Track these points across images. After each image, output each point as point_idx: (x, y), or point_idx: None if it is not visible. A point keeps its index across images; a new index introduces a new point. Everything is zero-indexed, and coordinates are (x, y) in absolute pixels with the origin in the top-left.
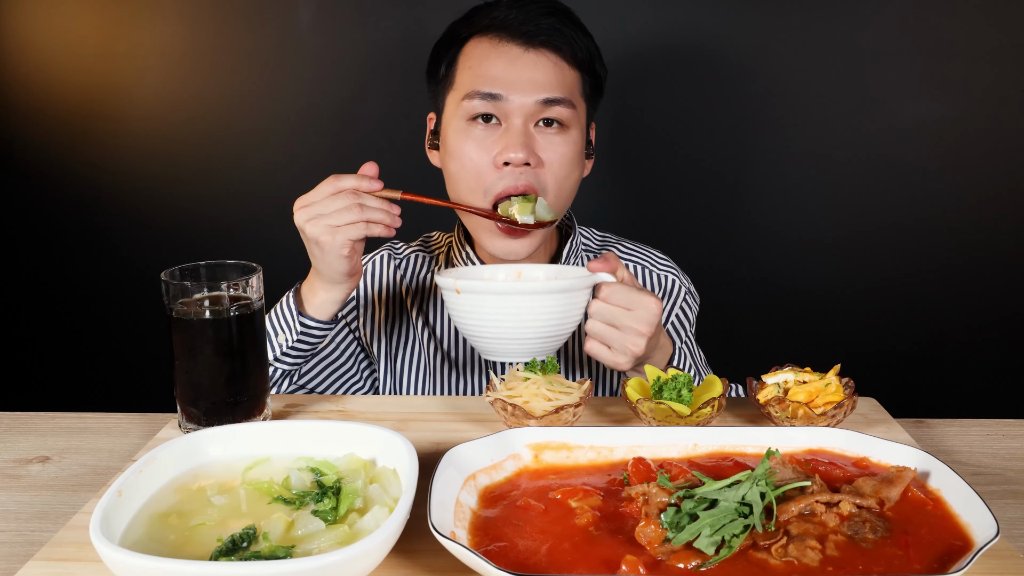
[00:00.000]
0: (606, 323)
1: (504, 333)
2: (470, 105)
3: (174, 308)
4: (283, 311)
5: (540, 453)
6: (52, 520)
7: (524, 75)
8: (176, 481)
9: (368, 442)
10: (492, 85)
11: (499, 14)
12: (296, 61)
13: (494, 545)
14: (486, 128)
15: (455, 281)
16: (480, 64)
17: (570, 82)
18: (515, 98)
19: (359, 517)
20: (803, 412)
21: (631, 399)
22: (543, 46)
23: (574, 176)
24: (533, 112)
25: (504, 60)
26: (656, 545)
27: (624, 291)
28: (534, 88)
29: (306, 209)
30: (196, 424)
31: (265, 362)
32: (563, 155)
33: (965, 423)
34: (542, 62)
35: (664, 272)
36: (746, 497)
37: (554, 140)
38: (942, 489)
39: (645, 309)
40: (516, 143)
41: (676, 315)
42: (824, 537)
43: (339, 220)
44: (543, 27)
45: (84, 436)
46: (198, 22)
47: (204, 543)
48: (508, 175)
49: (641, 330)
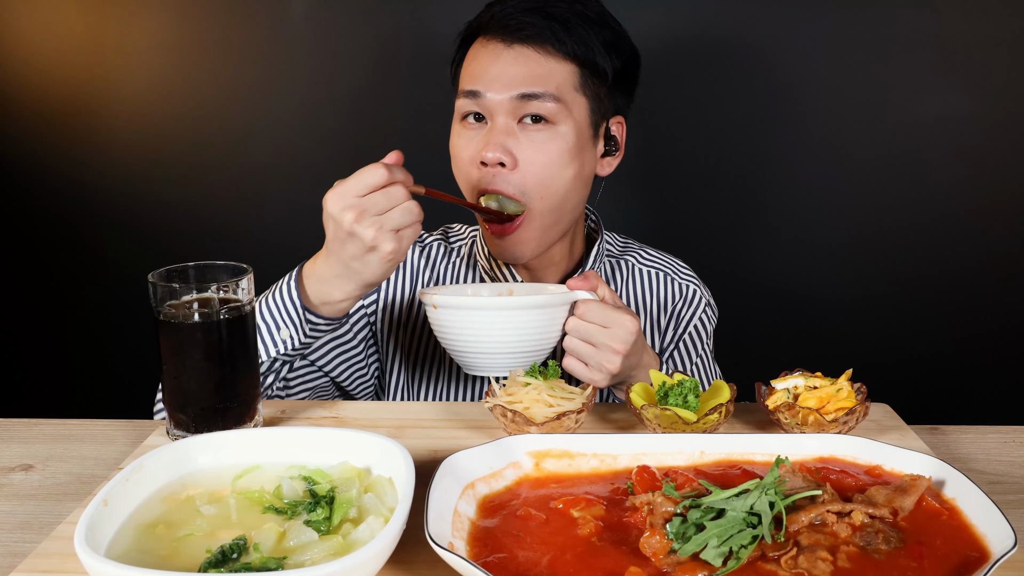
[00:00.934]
0: (583, 340)
1: (482, 348)
2: (460, 104)
3: (162, 311)
4: (283, 303)
5: (541, 461)
6: (36, 530)
7: (504, 71)
8: (164, 490)
9: (363, 450)
10: (473, 83)
11: (489, 12)
12: (289, 55)
13: (493, 556)
14: (475, 127)
15: (432, 296)
16: (469, 63)
17: (557, 76)
18: (492, 95)
19: (353, 527)
20: (814, 419)
21: (635, 405)
22: (524, 41)
23: (566, 175)
24: (512, 108)
25: (487, 58)
26: (661, 556)
27: (600, 309)
28: (510, 84)
29: (353, 204)
30: (184, 431)
31: (256, 366)
32: (545, 152)
33: (982, 430)
34: (521, 58)
35: (685, 281)
36: (754, 507)
37: (536, 138)
38: (958, 498)
39: (621, 327)
40: (492, 142)
41: (694, 326)
42: (835, 548)
43: (399, 221)
44: (526, 22)
45: (69, 443)
46: (188, 14)
47: (193, 554)
48: (487, 174)
49: (616, 348)
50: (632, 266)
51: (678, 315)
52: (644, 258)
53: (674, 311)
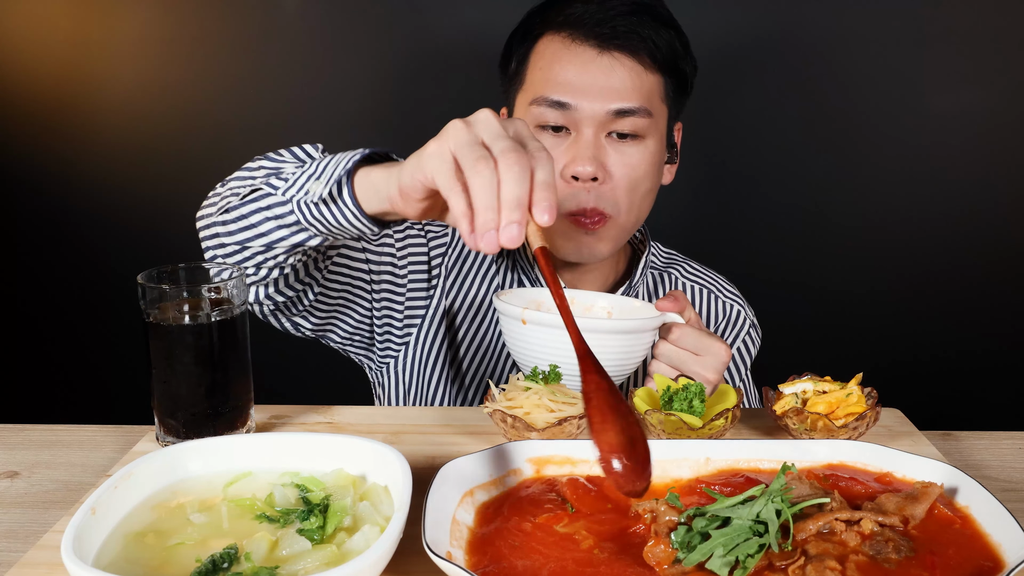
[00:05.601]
0: (673, 366)
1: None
2: (539, 112)
3: (151, 313)
4: (334, 167)
5: (542, 468)
6: (21, 539)
7: (597, 82)
8: (153, 498)
9: (358, 456)
10: (562, 92)
11: (575, 10)
12: (281, 49)
13: (493, 566)
14: (555, 137)
15: (523, 311)
16: (551, 66)
17: (648, 88)
18: (586, 106)
19: (348, 536)
20: (823, 424)
21: (640, 410)
22: (619, 49)
23: (647, 187)
24: (605, 122)
25: (576, 64)
26: (666, 566)
27: (695, 335)
28: (607, 97)
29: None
30: (175, 437)
31: (249, 371)
32: (636, 168)
33: (995, 436)
34: (617, 67)
35: (730, 301)
36: (761, 515)
37: (627, 152)
38: (971, 506)
39: (715, 356)
40: (585, 156)
41: (738, 348)
42: (844, 557)
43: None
44: (620, 27)
45: (55, 450)
46: (177, 7)
47: (183, 563)
48: (579, 191)
49: (709, 377)
50: (676, 279)
51: (720, 335)
52: (688, 272)
53: (716, 331)
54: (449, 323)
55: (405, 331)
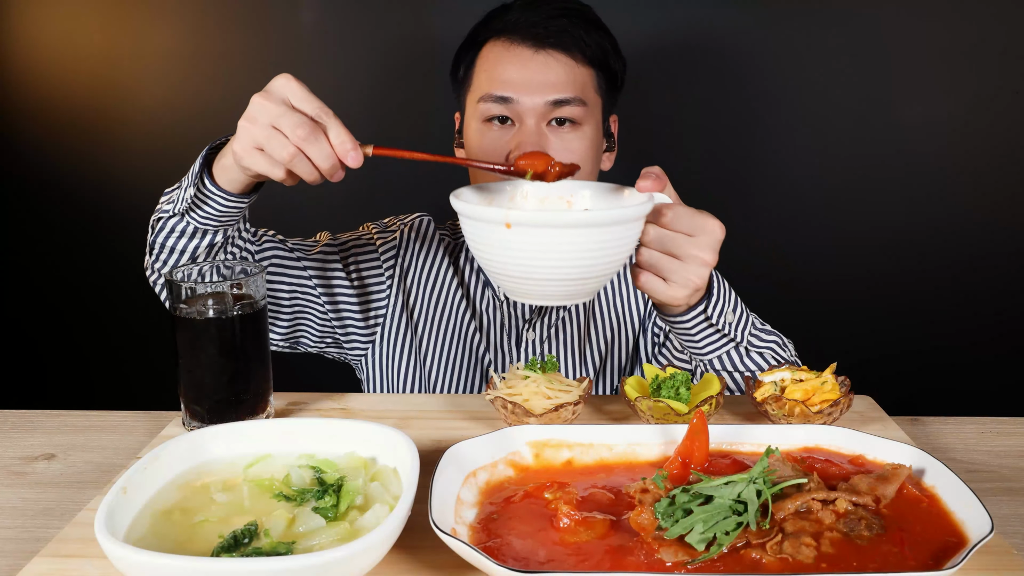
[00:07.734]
0: (665, 252)
1: (547, 274)
2: (485, 107)
3: (178, 307)
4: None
5: (541, 451)
6: (57, 517)
7: (535, 77)
8: (180, 478)
9: (369, 440)
10: (504, 88)
11: (512, 17)
12: (299, 63)
13: (493, 541)
14: (501, 128)
15: (507, 213)
16: (494, 67)
17: (581, 80)
18: (526, 99)
19: (360, 514)
20: (800, 410)
21: (630, 397)
22: (553, 47)
23: (587, 170)
24: (544, 112)
25: (516, 63)
26: (651, 533)
27: (688, 214)
28: (544, 89)
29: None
30: (200, 422)
31: (268, 361)
32: (575, 152)
33: (960, 421)
34: (552, 63)
35: None
36: (742, 495)
37: (566, 137)
38: (937, 486)
39: (709, 234)
40: (528, 143)
41: None
42: (819, 534)
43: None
44: (552, 29)
45: (89, 434)
46: (201, 24)
47: (207, 539)
48: None
49: (706, 258)
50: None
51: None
52: None
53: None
54: (409, 316)
55: (370, 330)
